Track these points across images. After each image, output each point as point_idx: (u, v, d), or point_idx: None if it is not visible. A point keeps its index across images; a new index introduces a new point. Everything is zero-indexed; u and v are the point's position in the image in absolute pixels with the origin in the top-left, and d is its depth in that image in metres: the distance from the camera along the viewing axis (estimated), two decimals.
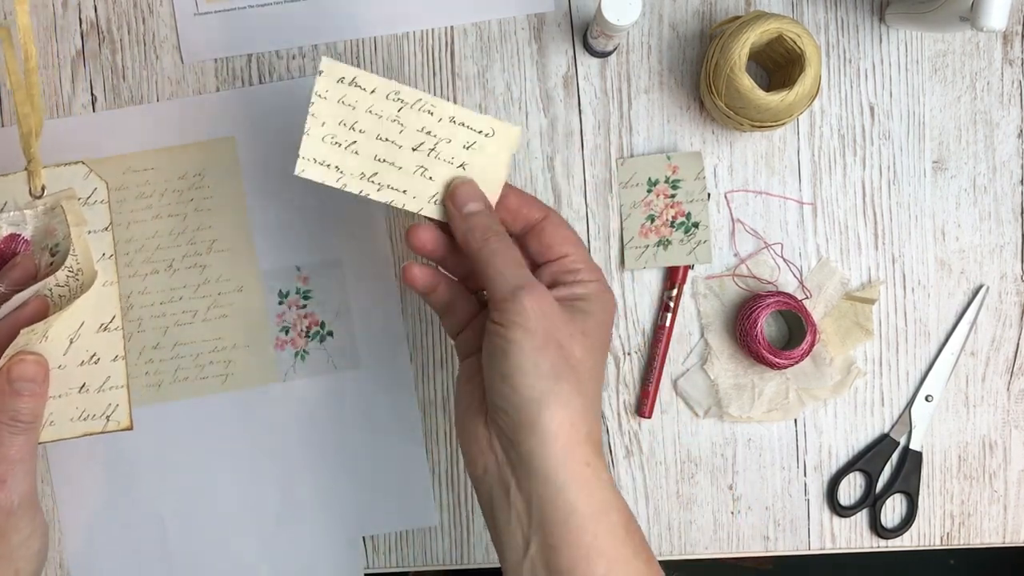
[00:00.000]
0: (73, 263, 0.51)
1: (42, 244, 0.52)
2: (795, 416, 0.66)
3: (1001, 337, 0.66)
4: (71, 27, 0.66)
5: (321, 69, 0.50)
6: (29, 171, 0.52)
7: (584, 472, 0.45)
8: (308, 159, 0.50)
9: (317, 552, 0.66)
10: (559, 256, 0.51)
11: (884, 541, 0.66)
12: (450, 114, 0.51)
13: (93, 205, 0.52)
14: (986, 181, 0.66)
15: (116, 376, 0.53)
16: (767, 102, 0.58)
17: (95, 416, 0.52)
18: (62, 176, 0.52)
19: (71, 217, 0.51)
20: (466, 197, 0.51)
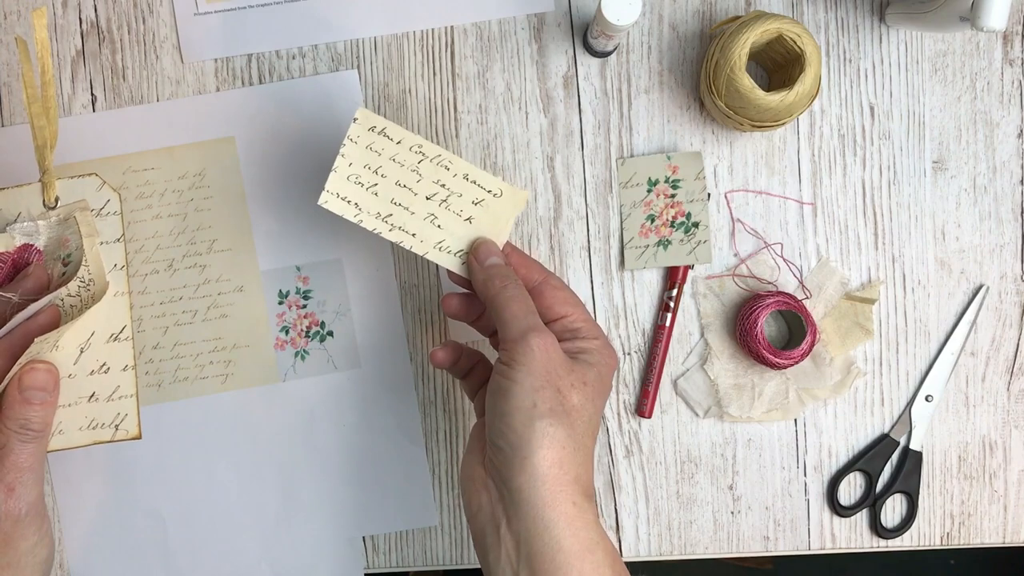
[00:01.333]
0: (85, 274, 0.52)
1: (55, 255, 0.52)
2: (795, 416, 0.66)
3: (1001, 337, 0.66)
4: (71, 27, 0.66)
5: (356, 117, 0.54)
6: (43, 183, 0.52)
7: (571, 511, 0.47)
8: (332, 193, 0.55)
9: (317, 552, 0.66)
10: (560, 316, 0.54)
11: (884, 541, 0.66)
12: (464, 171, 0.56)
13: (106, 217, 0.53)
14: (986, 181, 0.66)
15: (126, 386, 0.54)
16: (767, 102, 0.58)
17: (104, 425, 0.52)
18: (75, 188, 0.53)
19: (84, 228, 0.52)
20: (487, 252, 0.55)
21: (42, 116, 0.52)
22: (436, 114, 0.66)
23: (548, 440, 0.47)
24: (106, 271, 0.53)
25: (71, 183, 0.53)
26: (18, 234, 0.52)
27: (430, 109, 0.66)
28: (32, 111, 0.52)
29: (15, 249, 0.52)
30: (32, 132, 0.52)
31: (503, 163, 0.66)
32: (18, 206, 0.53)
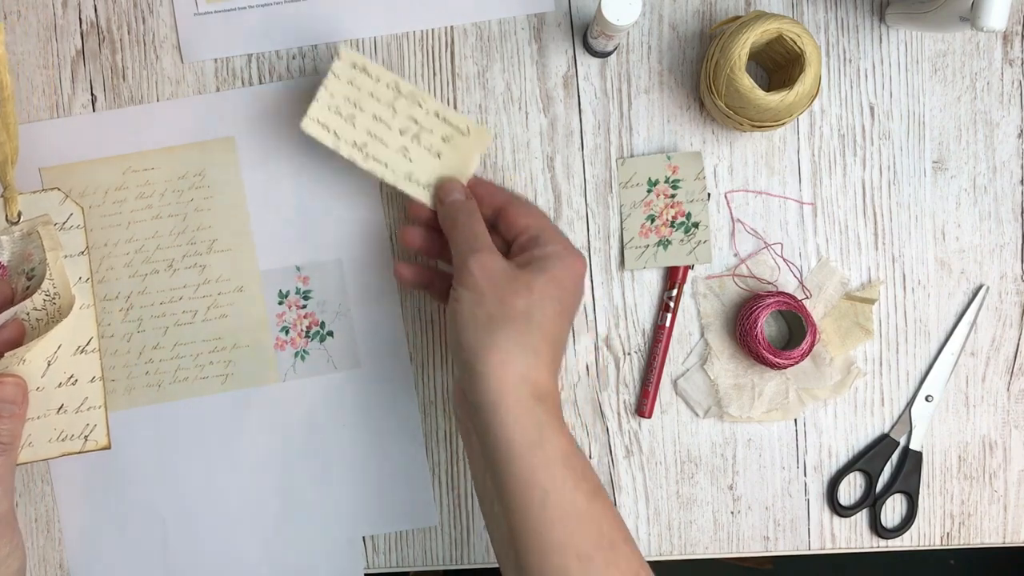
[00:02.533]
0: (50, 287, 0.52)
1: (19, 269, 0.52)
2: (795, 416, 0.66)
3: (1001, 337, 0.66)
4: (71, 27, 0.66)
5: (339, 53, 0.59)
6: (5, 198, 0.52)
7: (518, 409, 0.49)
8: (313, 119, 0.59)
9: (317, 552, 0.66)
10: (522, 229, 0.56)
11: (884, 541, 0.66)
12: (435, 109, 0.59)
13: (69, 230, 0.53)
14: (986, 181, 0.66)
15: (94, 397, 0.54)
16: (767, 102, 0.58)
17: (73, 436, 0.53)
18: (38, 202, 0.53)
19: (47, 242, 0.52)
20: (449, 189, 0.59)
21: (2, 131, 0.52)
22: None
23: (490, 346, 0.50)
24: (71, 284, 0.53)
25: (33, 198, 0.53)
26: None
27: None
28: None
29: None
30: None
31: (503, 163, 0.66)
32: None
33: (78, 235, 0.54)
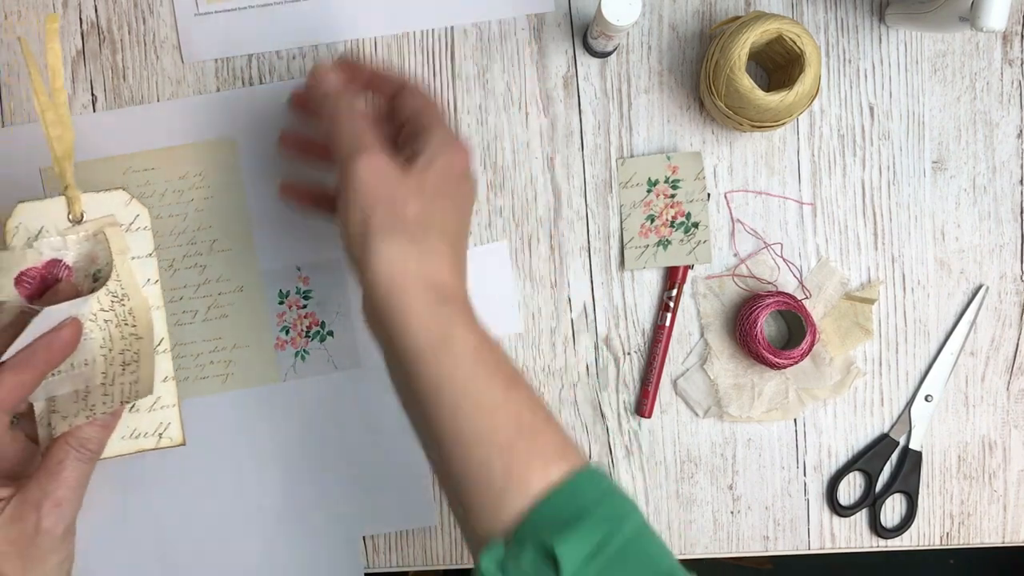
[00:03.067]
0: (117, 288, 0.51)
1: (85, 271, 0.51)
2: (795, 416, 0.66)
3: (1001, 337, 0.66)
4: (71, 27, 0.66)
5: None
6: (67, 197, 0.51)
7: (421, 313, 0.47)
8: None
9: (317, 552, 0.66)
10: (410, 113, 0.54)
11: (884, 541, 0.66)
12: None
13: (136, 232, 0.52)
14: (986, 181, 0.66)
15: (167, 396, 0.53)
16: (767, 102, 0.58)
17: (147, 434, 0.52)
18: (103, 202, 0.52)
19: (114, 244, 0.51)
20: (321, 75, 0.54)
21: (57, 125, 0.50)
22: None
23: (387, 255, 0.48)
24: (140, 286, 0.52)
25: (97, 197, 0.52)
26: (46, 249, 0.51)
27: None
28: (46, 119, 0.50)
29: (43, 264, 0.51)
30: (49, 143, 0.50)
31: (503, 163, 0.66)
32: (41, 220, 0.51)
33: (146, 236, 0.52)
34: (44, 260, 0.51)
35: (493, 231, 0.66)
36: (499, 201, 0.66)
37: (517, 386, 0.48)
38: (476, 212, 0.66)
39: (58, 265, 0.51)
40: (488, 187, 0.66)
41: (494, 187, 0.66)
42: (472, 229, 0.66)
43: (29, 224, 0.51)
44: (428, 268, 0.49)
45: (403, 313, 0.47)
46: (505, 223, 0.66)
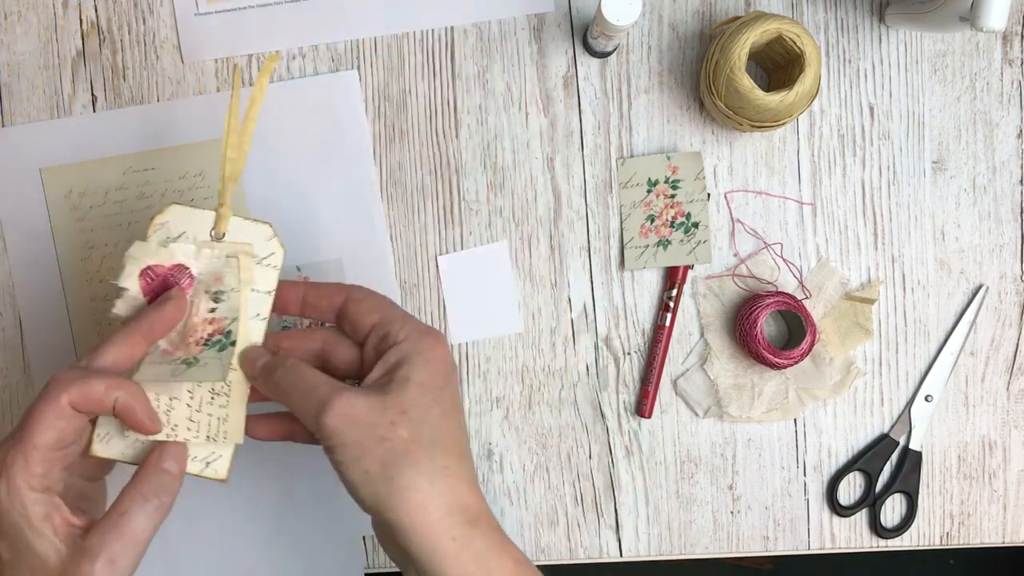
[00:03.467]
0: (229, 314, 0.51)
1: (206, 286, 0.52)
2: (795, 416, 0.66)
3: (1001, 337, 0.66)
4: (71, 27, 0.66)
5: None
6: (219, 214, 0.52)
7: (451, 547, 0.46)
8: None
9: (317, 552, 0.66)
10: (369, 327, 0.51)
11: (884, 541, 0.66)
12: None
13: (266, 268, 0.52)
14: (986, 181, 0.66)
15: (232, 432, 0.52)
16: (767, 102, 0.58)
17: (196, 458, 0.51)
18: (246, 229, 0.53)
19: (243, 272, 0.51)
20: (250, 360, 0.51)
21: (236, 148, 0.52)
22: (436, 114, 0.66)
23: (399, 496, 0.46)
24: (248, 318, 0.52)
25: (244, 223, 0.53)
26: (179, 252, 0.52)
27: (430, 109, 0.66)
28: (229, 140, 0.52)
29: (170, 266, 0.51)
30: (221, 161, 0.52)
31: (503, 163, 0.66)
32: (185, 226, 0.52)
33: (272, 275, 0.52)
34: (173, 262, 0.52)
35: (493, 231, 0.66)
36: (499, 201, 0.66)
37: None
38: (476, 212, 0.66)
39: (183, 272, 0.52)
40: (488, 187, 0.66)
41: (494, 187, 0.66)
42: (472, 230, 0.66)
43: (173, 226, 0.52)
44: (445, 495, 0.46)
45: (439, 553, 0.46)
46: (505, 223, 0.66)
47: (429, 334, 0.50)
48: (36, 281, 0.66)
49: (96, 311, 0.66)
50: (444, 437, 0.48)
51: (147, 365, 0.50)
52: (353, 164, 0.65)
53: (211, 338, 0.51)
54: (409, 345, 0.49)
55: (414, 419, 0.47)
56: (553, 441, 0.66)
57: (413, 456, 0.46)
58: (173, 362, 0.50)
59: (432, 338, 0.50)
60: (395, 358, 0.49)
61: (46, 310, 0.66)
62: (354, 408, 0.47)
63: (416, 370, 0.48)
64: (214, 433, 0.51)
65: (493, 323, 0.66)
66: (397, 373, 0.48)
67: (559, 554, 0.66)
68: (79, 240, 0.66)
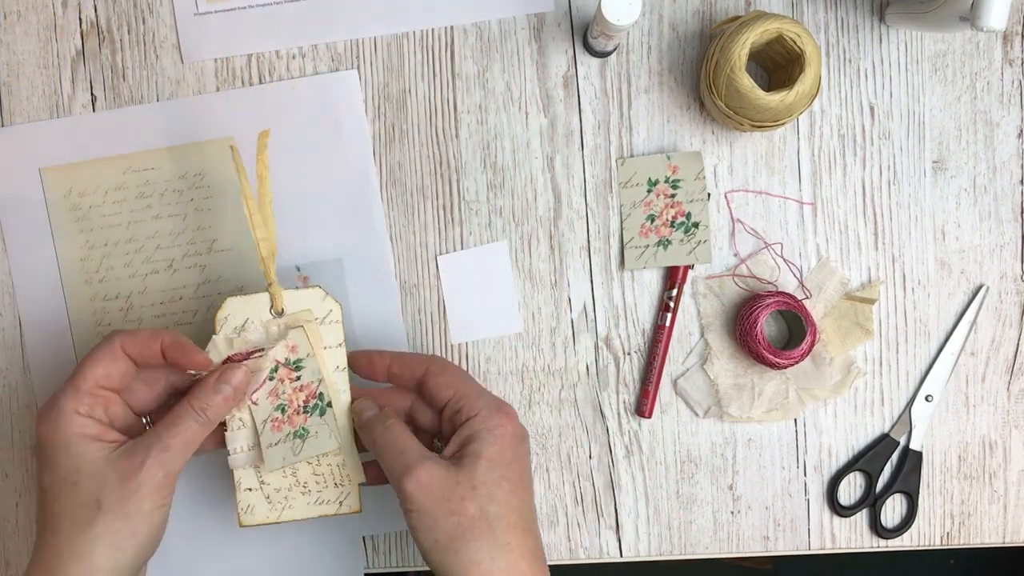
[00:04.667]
0: (314, 377, 0.57)
1: (283, 359, 0.57)
2: (795, 416, 0.66)
3: (1001, 337, 0.66)
4: (71, 27, 0.66)
5: None
6: (271, 293, 0.57)
7: None
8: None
9: (317, 552, 0.66)
10: (445, 401, 0.55)
11: (884, 541, 0.66)
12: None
13: (329, 324, 0.58)
14: (986, 181, 0.66)
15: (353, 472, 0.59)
16: (767, 102, 0.58)
17: (328, 502, 0.59)
18: (301, 298, 0.58)
19: (313, 337, 0.57)
20: (358, 411, 0.57)
21: (263, 228, 0.56)
22: (436, 114, 0.66)
23: (460, 569, 0.50)
24: (329, 372, 0.57)
25: (296, 294, 0.57)
26: (252, 338, 0.57)
27: (430, 109, 0.66)
28: (254, 222, 0.56)
29: (247, 352, 0.56)
30: (256, 244, 0.56)
31: (503, 163, 0.66)
32: (246, 312, 0.57)
33: (336, 329, 0.58)
34: (248, 348, 0.57)
35: (493, 231, 0.66)
36: (499, 201, 0.66)
37: None
38: (476, 212, 0.66)
39: (259, 354, 0.57)
40: (488, 187, 0.66)
41: (494, 187, 0.66)
42: (472, 230, 0.66)
43: (235, 316, 0.57)
44: (505, 570, 0.50)
45: None
46: (505, 223, 0.66)
47: (500, 411, 0.54)
48: (36, 281, 0.66)
49: (96, 311, 0.66)
50: (509, 512, 0.52)
51: (269, 450, 0.57)
52: (353, 164, 0.65)
53: (307, 404, 0.57)
54: (480, 421, 0.53)
55: (482, 495, 0.51)
56: (553, 441, 0.66)
57: (478, 532, 0.50)
58: (287, 439, 0.57)
59: (502, 415, 0.54)
60: (467, 432, 0.53)
61: (46, 310, 0.66)
62: (431, 479, 0.51)
63: (486, 446, 0.52)
64: (338, 479, 0.58)
65: (493, 323, 0.66)
66: (469, 448, 0.52)
67: (559, 554, 0.66)
68: (79, 240, 0.66)
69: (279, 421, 0.57)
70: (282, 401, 0.57)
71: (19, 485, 0.66)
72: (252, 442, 0.57)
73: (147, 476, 0.50)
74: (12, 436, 0.66)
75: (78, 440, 0.51)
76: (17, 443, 0.66)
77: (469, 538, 0.50)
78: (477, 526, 0.50)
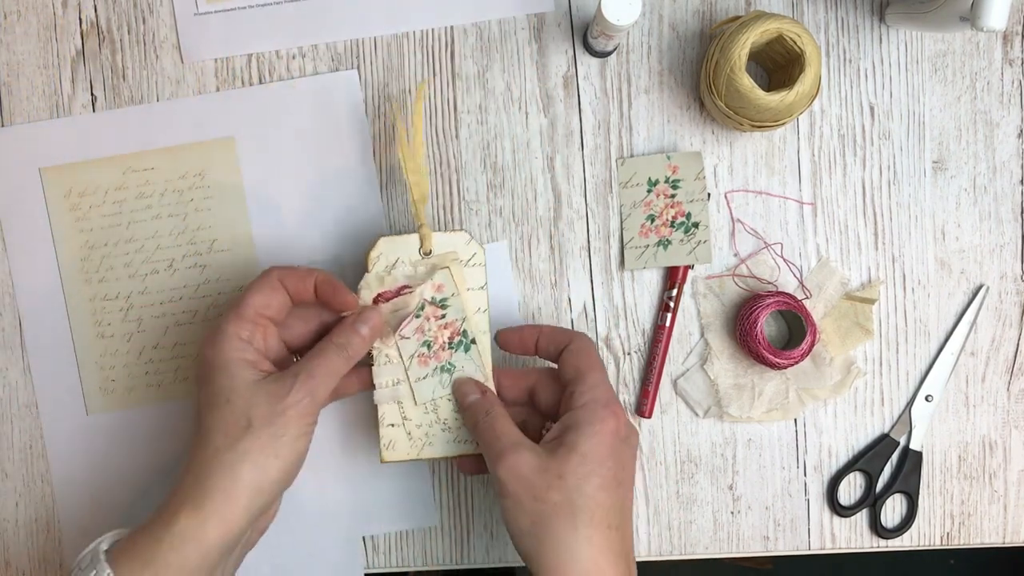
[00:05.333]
0: (458, 316, 0.59)
1: (429, 297, 0.59)
2: (795, 416, 0.66)
3: (1001, 337, 0.66)
4: (71, 27, 0.66)
5: None
6: (421, 234, 0.59)
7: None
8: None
9: (317, 552, 0.66)
10: (567, 380, 0.56)
11: (884, 541, 0.66)
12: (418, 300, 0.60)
13: (473, 267, 0.60)
14: (986, 181, 0.66)
15: None
16: (767, 102, 0.58)
17: (467, 440, 0.60)
18: (448, 240, 0.60)
19: (457, 278, 0.59)
20: (463, 392, 0.59)
21: (416, 172, 0.59)
22: (436, 114, 0.66)
23: (541, 554, 0.51)
24: (472, 312, 0.60)
25: (444, 236, 0.60)
26: (400, 276, 0.59)
27: (430, 109, 0.66)
28: (407, 167, 0.59)
29: (396, 289, 0.59)
30: (408, 188, 0.59)
31: (503, 163, 0.66)
32: (397, 252, 0.59)
33: (480, 272, 0.60)
34: (398, 285, 0.59)
35: (493, 231, 0.66)
36: (499, 201, 0.66)
37: None
38: (476, 212, 0.66)
39: (408, 291, 0.59)
40: (488, 187, 0.66)
41: (494, 187, 0.66)
42: (472, 230, 0.66)
43: (387, 255, 0.59)
44: (581, 562, 0.50)
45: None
46: (505, 223, 0.66)
47: (606, 407, 0.54)
48: (36, 281, 0.66)
49: (96, 311, 0.66)
50: (594, 508, 0.51)
51: (418, 384, 0.59)
52: (353, 164, 0.65)
53: (452, 340, 0.59)
54: (583, 413, 0.54)
55: (570, 486, 0.51)
56: None
57: (559, 522, 0.51)
58: (435, 373, 0.59)
59: (608, 411, 0.54)
60: (570, 422, 0.54)
61: (46, 310, 0.66)
62: (522, 465, 0.52)
63: (583, 439, 0.52)
64: None
65: (493, 323, 0.66)
66: (567, 437, 0.53)
67: None
68: (79, 240, 0.66)
69: (426, 356, 0.59)
70: (428, 338, 0.59)
71: (19, 485, 0.66)
72: (397, 377, 0.59)
73: (293, 400, 0.53)
74: (12, 436, 0.67)
75: (236, 362, 0.53)
76: (17, 443, 0.67)
77: (550, 526, 0.51)
78: (559, 515, 0.51)
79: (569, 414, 0.54)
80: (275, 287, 0.56)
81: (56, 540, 0.66)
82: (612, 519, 0.52)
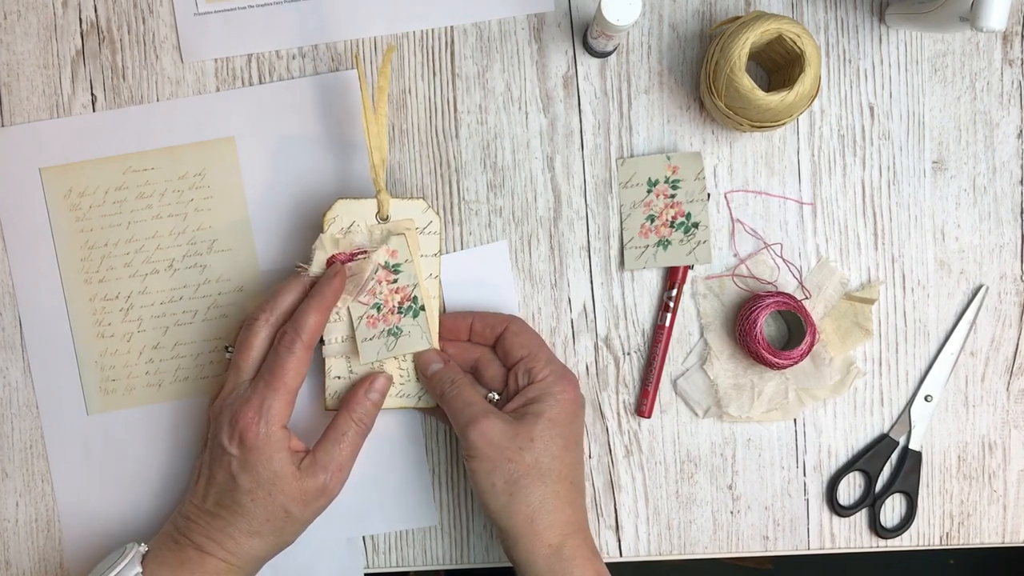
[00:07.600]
0: (409, 281, 0.61)
1: (383, 262, 0.61)
2: (795, 416, 0.66)
3: (1001, 337, 0.66)
4: (71, 27, 0.66)
5: None
6: (379, 200, 0.60)
7: (544, 552, 0.56)
8: None
9: (317, 552, 0.66)
10: (517, 360, 0.60)
11: (884, 541, 0.66)
12: None
13: (428, 235, 0.62)
14: (986, 181, 0.66)
15: None
16: (767, 102, 0.58)
17: (409, 395, 0.63)
18: (405, 208, 0.61)
19: (412, 244, 0.61)
20: (425, 362, 0.62)
21: (377, 137, 0.59)
22: (436, 114, 0.66)
23: (512, 509, 0.56)
24: (423, 279, 0.61)
25: (402, 203, 0.61)
26: (356, 239, 0.60)
27: (430, 109, 0.66)
28: (369, 131, 0.59)
29: (350, 252, 0.60)
30: (369, 151, 0.59)
31: (503, 163, 0.66)
32: (353, 216, 0.60)
33: (434, 240, 0.62)
34: (352, 249, 0.60)
35: (493, 231, 0.66)
36: (499, 201, 0.66)
37: None
38: (476, 212, 0.66)
39: (361, 254, 0.60)
40: (488, 187, 0.66)
41: (494, 187, 0.66)
42: (472, 230, 0.66)
43: (343, 217, 0.60)
44: (551, 513, 0.57)
45: (530, 555, 0.56)
46: (505, 223, 0.66)
47: (564, 377, 0.59)
48: (36, 281, 0.66)
49: (96, 311, 0.66)
50: (560, 467, 0.57)
51: (364, 344, 0.60)
52: (353, 164, 0.65)
53: (402, 305, 0.61)
54: (546, 385, 0.59)
55: (538, 448, 0.57)
56: None
57: (531, 479, 0.56)
58: (381, 335, 0.61)
59: (567, 381, 0.59)
60: (533, 394, 0.59)
61: (46, 310, 0.66)
62: (493, 430, 0.57)
63: (548, 407, 0.58)
64: None
65: None
66: (532, 407, 0.58)
67: None
68: (79, 240, 0.66)
69: (374, 319, 0.61)
70: (378, 300, 0.60)
71: (19, 485, 0.67)
72: (346, 334, 0.61)
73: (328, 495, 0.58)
74: (12, 436, 0.67)
75: (279, 455, 0.57)
76: (17, 443, 0.67)
77: (523, 484, 0.56)
78: (531, 474, 0.56)
79: (531, 387, 0.59)
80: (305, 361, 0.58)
81: (56, 540, 0.66)
82: (572, 475, 0.58)
